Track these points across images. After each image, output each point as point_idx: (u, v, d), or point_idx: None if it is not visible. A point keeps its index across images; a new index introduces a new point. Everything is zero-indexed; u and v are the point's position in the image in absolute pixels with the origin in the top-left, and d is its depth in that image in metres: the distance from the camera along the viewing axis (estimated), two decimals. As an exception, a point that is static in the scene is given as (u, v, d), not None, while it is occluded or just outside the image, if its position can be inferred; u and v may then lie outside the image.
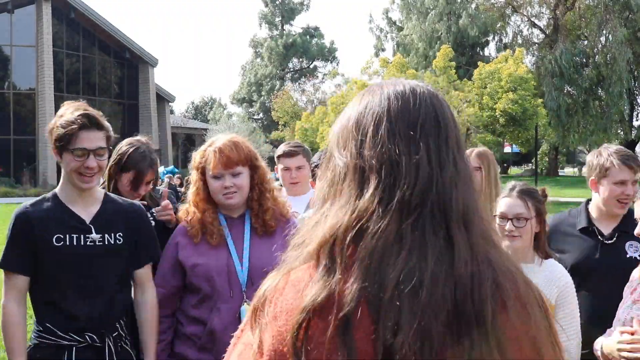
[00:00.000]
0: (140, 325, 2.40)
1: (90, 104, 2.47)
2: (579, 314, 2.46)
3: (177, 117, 47.08)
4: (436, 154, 0.92)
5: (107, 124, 2.29)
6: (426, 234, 0.87)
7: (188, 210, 2.49)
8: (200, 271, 2.38)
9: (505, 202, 2.43)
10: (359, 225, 0.88)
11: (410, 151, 0.91)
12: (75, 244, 2.23)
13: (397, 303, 0.83)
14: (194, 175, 2.49)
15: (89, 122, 2.21)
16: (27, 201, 2.32)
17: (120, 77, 35.09)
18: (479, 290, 0.85)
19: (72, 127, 2.18)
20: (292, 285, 0.91)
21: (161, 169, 17.74)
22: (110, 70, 34.86)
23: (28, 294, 2.29)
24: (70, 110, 2.24)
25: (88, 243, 2.25)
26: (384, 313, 0.83)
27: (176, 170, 17.32)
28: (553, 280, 2.41)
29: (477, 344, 0.82)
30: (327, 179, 0.97)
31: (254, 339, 0.93)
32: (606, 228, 2.78)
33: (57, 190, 2.33)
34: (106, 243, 2.29)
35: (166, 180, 16.32)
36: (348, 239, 0.88)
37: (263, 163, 2.54)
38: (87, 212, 2.30)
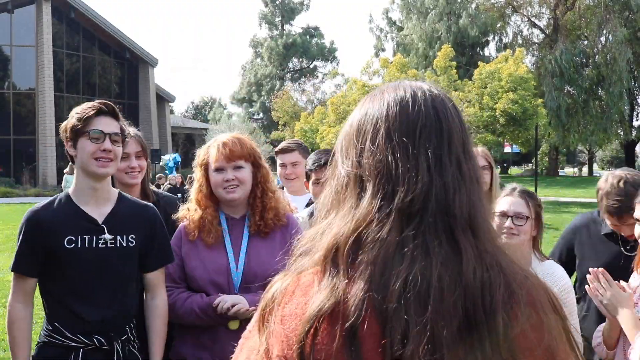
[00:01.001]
0: (149, 329, 2.36)
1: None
2: (577, 315, 2.48)
3: (177, 117, 47.07)
4: (436, 159, 0.90)
5: (122, 119, 2.31)
6: (428, 241, 0.85)
7: (189, 208, 2.48)
8: (198, 272, 2.38)
9: (507, 200, 2.46)
10: (358, 234, 0.87)
11: (409, 157, 0.89)
12: (87, 245, 2.19)
13: (404, 312, 0.81)
14: (197, 173, 2.48)
15: (105, 108, 2.23)
16: (39, 202, 2.28)
17: (120, 77, 35.09)
18: (490, 298, 0.82)
19: (89, 111, 2.19)
20: (301, 289, 0.90)
21: (167, 157, 17.53)
22: (110, 70, 34.86)
23: (40, 292, 2.27)
24: (85, 105, 2.26)
25: (100, 245, 2.21)
26: (391, 323, 0.81)
27: (179, 158, 17.38)
28: (553, 282, 2.43)
29: (488, 354, 0.80)
30: (331, 187, 0.97)
31: (261, 342, 0.92)
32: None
33: (70, 190, 2.29)
34: (118, 245, 2.24)
35: (167, 181, 16.29)
36: (348, 247, 0.87)
37: (266, 164, 2.54)
38: (99, 212, 2.25)
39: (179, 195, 13.65)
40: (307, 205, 3.46)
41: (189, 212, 2.47)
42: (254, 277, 2.36)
